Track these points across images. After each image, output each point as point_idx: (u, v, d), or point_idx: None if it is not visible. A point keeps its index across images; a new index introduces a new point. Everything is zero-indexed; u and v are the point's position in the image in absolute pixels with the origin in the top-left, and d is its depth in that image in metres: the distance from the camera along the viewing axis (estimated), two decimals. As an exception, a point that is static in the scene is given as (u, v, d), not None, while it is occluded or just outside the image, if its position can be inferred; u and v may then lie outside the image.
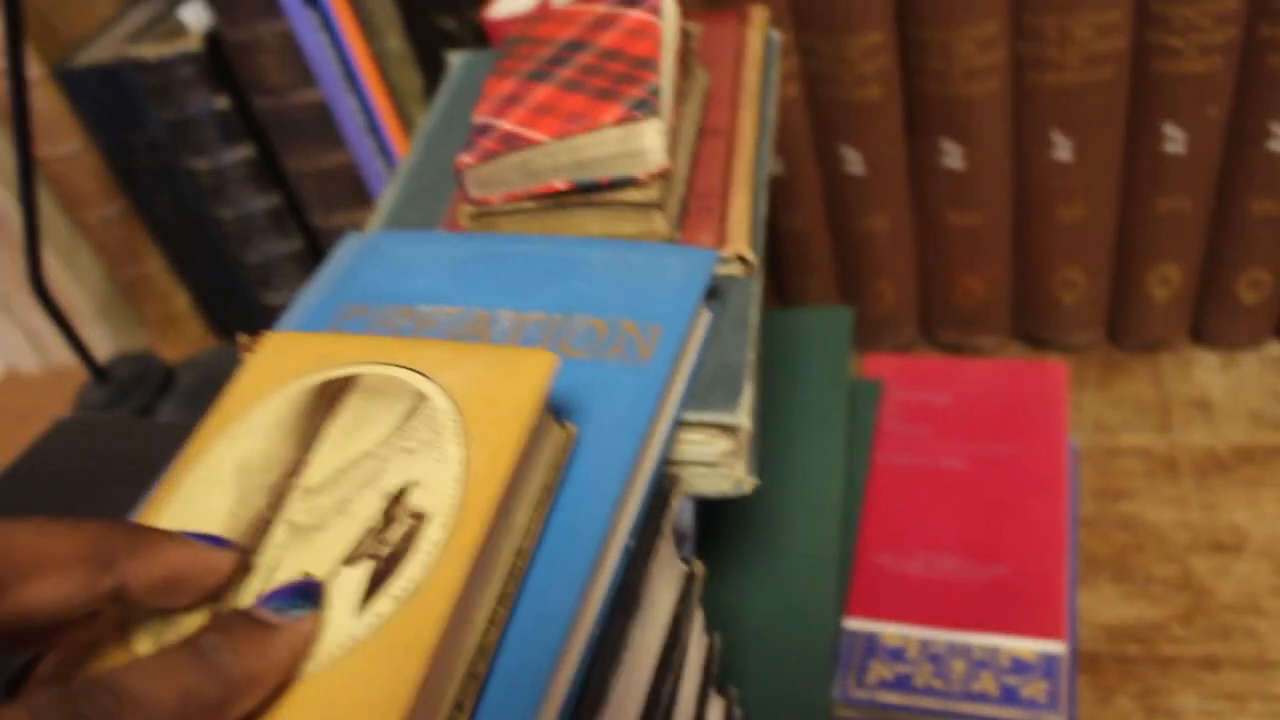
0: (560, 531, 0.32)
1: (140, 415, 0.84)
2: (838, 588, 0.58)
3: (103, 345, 0.93)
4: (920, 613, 0.64)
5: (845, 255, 0.79)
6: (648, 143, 0.44)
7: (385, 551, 0.28)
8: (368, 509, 0.29)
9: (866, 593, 0.65)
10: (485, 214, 0.47)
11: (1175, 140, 0.67)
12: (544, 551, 0.32)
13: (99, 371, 0.84)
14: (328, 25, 0.70)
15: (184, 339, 0.96)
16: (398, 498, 0.29)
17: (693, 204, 0.48)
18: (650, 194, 0.45)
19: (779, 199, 0.76)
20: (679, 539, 0.45)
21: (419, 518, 0.28)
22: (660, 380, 0.37)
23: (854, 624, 0.64)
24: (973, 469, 0.71)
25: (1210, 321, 0.77)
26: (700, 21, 0.58)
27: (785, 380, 0.67)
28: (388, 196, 0.54)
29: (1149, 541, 0.67)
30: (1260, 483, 0.69)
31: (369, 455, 0.30)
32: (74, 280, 0.90)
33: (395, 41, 0.69)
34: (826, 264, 0.80)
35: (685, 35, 0.52)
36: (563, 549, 0.32)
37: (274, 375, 0.34)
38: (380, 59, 0.72)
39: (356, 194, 0.79)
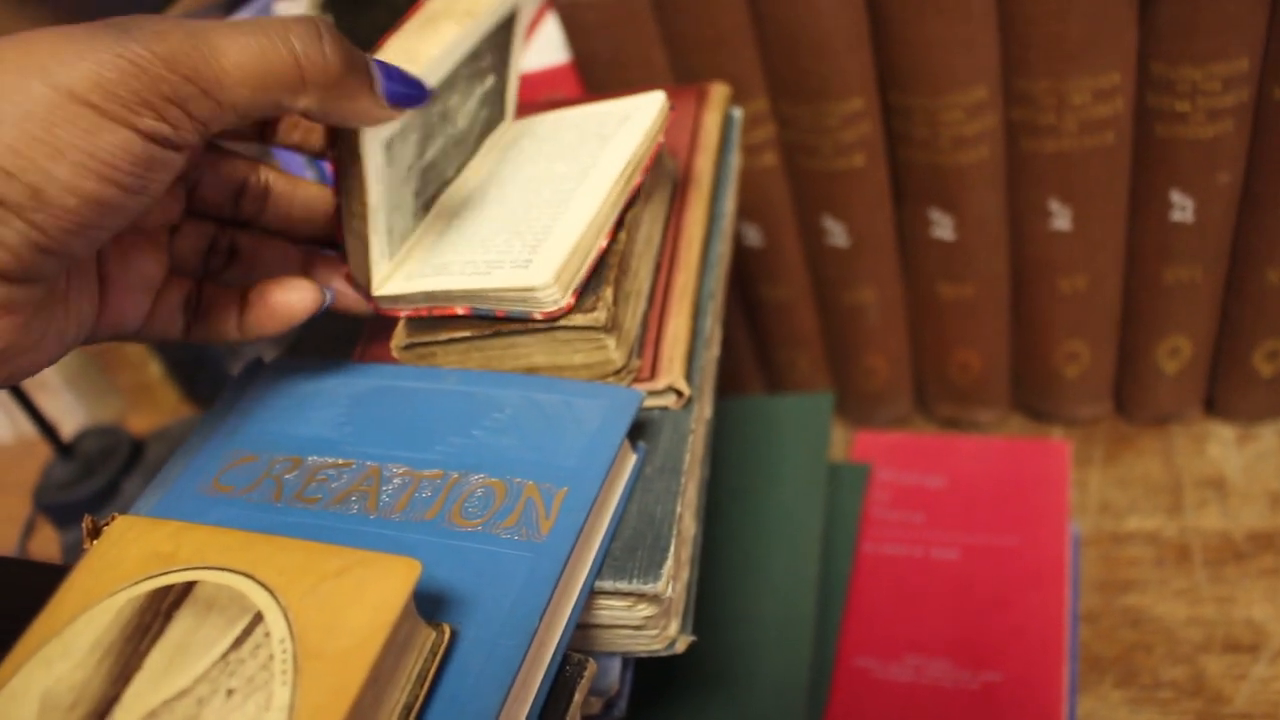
0: (427, 758, 0.28)
1: (107, 490, 0.81)
2: (807, 715, 0.54)
3: (73, 415, 0.90)
4: (906, 725, 0.60)
5: (833, 329, 0.74)
6: (542, 294, 0.39)
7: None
8: (172, 773, 0.25)
9: (847, 702, 0.61)
10: (419, 345, 0.43)
11: (1183, 208, 0.62)
12: (407, 785, 0.28)
13: (63, 447, 0.81)
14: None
15: (157, 408, 0.94)
16: (209, 757, 0.25)
17: (627, 324, 0.44)
18: (597, 317, 0.40)
19: (760, 271, 0.72)
20: (607, 703, 0.41)
21: (229, 787, 0.24)
22: (557, 562, 0.33)
23: (834, 738, 0.59)
24: (967, 560, 0.67)
25: (1225, 394, 0.72)
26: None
27: (758, 478, 0.63)
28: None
29: (1157, 640, 0.63)
30: (1279, 573, 0.64)
31: (186, 695, 0.26)
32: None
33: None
34: (814, 338, 0.76)
35: None
36: (430, 778, 0.28)
37: (109, 577, 0.30)
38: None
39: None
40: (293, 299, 0.41)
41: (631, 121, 0.45)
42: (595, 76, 0.64)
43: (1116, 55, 0.57)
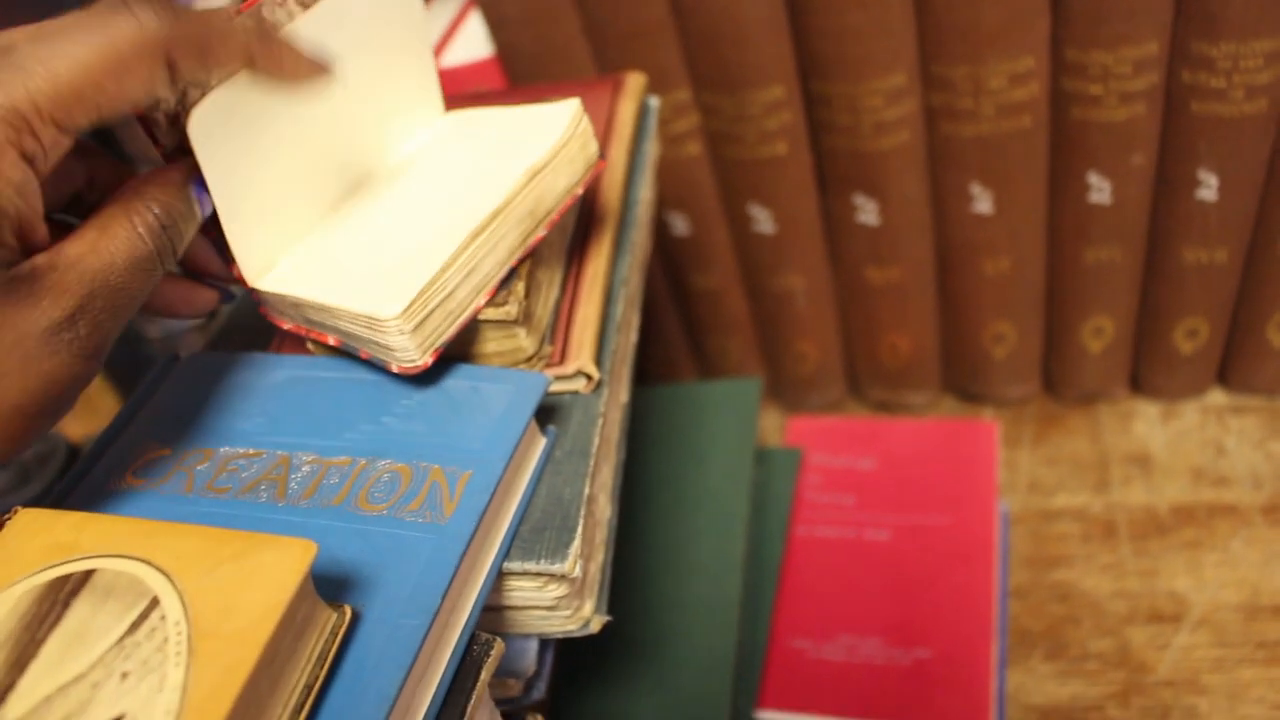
0: (328, 737, 0.29)
1: (43, 497, 0.81)
2: (734, 693, 0.54)
3: (10, 419, 0.90)
4: (839, 703, 0.61)
5: (763, 315, 0.75)
6: (392, 340, 0.38)
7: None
8: (65, 755, 0.26)
9: (782, 682, 0.62)
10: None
11: (1101, 190, 0.63)
12: (308, 764, 0.28)
13: None
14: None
15: (95, 413, 0.93)
16: (101, 738, 0.26)
17: (536, 311, 0.44)
18: (509, 310, 0.41)
19: (689, 259, 0.72)
20: (526, 684, 0.41)
21: (120, 766, 0.25)
22: (460, 543, 0.34)
23: (768, 717, 0.60)
24: (898, 540, 0.68)
25: (1149, 372, 0.73)
26: (575, 94, 0.54)
27: (687, 463, 0.64)
28: (224, 308, 0.49)
29: (1084, 613, 0.64)
30: (1200, 545, 0.66)
31: (81, 679, 0.27)
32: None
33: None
34: (745, 324, 0.76)
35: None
36: (332, 758, 0.29)
37: (9, 568, 0.30)
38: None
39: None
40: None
41: (534, 141, 0.43)
42: (519, 69, 0.65)
43: (1030, 40, 0.58)
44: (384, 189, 0.44)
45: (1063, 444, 0.74)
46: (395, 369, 0.39)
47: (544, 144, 0.42)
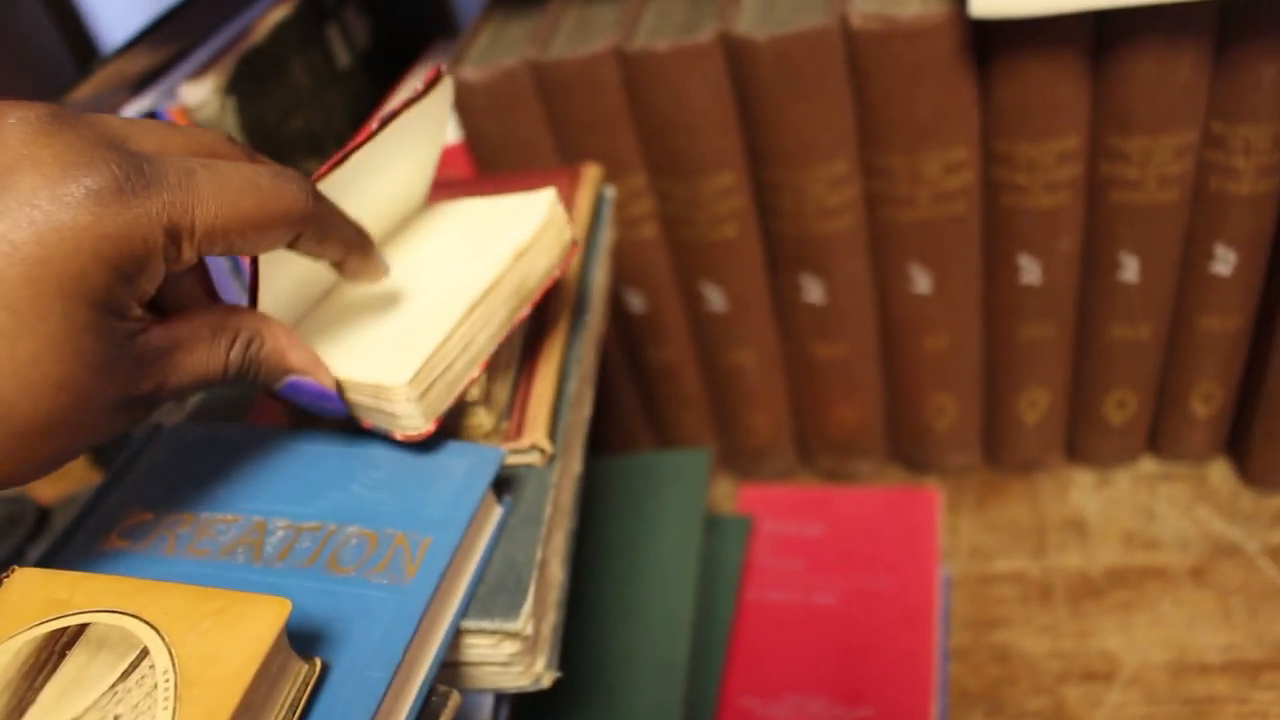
0: (299, 779, 0.32)
1: (13, 558, 0.83)
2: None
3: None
4: (785, 760, 0.63)
5: (716, 388, 0.79)
6: (399, 408, 0.42)
7: None
8: (60, 792, 0.28)
9: (731, 740, 0.65)
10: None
11: (1031, 271, 0.68)
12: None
13: (-28, 517, 0.82)
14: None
15: (66, 474, 0.95)
16: (94, 776, 0.29)
17: (495, 387, 0.48)
18: (472, 393, 0.45)
19: (645, 335, 0.76)
20: (481, 735, 0.44)
21: (111, 802, 0.28)
22: (420, 602, 0.37)
23: (718, 773, 0.63)
24: (844, 604, 0.71)
25: (1082, 441, 0.77)
26: (536, 184, 0.58)
27: (640, 530, 0.67)
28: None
29: (1021, 673, 0.67)
30: (1131, 606, 0.69)
31: (76, 722, 0.30)
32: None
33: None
34: (699, 397, 0.80)
35: None
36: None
37: (9, 622, 0.33)
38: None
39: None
40: None
41: (516, 226, 0.47)
42: (486, 155, 0.69)
43: (962, 133, 0.63)
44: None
45: (1002, 510, 0.78)
46: (399, 436, 0.43)
47: (526, 228, 0.46)
